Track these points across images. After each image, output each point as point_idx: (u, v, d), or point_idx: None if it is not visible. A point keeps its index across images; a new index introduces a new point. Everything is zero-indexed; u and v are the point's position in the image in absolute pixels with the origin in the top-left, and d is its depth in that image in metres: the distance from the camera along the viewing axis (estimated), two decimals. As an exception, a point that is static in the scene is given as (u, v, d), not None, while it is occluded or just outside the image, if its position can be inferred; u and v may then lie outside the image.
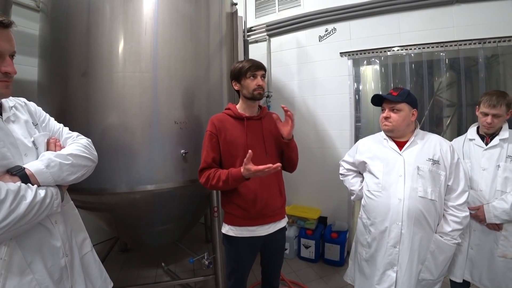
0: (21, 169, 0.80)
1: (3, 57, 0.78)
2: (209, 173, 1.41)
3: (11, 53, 0.81)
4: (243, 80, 1.47)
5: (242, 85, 1.48)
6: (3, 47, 0.77)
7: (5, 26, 0.77)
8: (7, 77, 0.80)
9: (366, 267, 1.54)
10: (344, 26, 2.79)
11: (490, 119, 1.54)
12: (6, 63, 0.78)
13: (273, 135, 1.56)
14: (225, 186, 1.38)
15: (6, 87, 0.81)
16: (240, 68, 1.47)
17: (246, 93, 1.47)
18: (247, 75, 1.45)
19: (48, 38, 1.84)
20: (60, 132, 1.06)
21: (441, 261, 1.38)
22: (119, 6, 1.67)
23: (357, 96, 2.83)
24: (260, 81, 1.46)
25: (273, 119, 1.58)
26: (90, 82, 1.66)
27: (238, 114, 1.50)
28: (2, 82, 0.79)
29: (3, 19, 0.75)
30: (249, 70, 1.45)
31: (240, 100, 1.55)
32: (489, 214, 1.49)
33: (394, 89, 1.46)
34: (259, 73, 1.47)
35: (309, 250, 2.76)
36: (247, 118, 1.50)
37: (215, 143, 1.45)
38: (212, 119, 1.50)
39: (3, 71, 0.78)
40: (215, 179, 1.39)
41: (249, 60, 1.49)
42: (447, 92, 2.60)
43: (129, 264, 2.78)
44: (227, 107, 1.56)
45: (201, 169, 1.46)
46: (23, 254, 0.79)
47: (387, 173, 1.45)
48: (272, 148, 1.53)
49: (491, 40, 2.21)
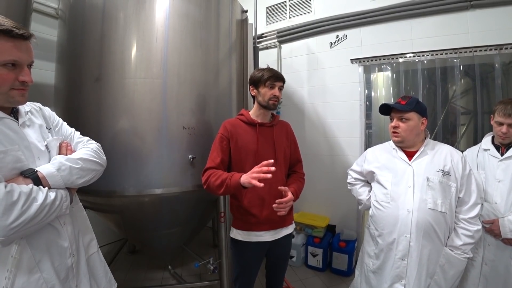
0: (34, 171, 0.84)
1: (22, 67, 0.82)
2: (212, 172, 1.40)
3: (29, 63, 0.85)
4: (261, 87, 1.49)
5: (259, 92, 1.51)
6: (22, 58, 0.81)
7: (25, 38, 0.81)
8: (24, 86, 0.84)
9: (373, 278, 1.50)
10: (355, 33, 2.77)
11: (506, 129, 1.48)
12: (24, 72, 0.82)
13: (284, 143, 1.58)
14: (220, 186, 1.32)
15: (22, 95, 0.85)
16: (261, 75, 1.49)
17: (262, 100, 1.50)
18: (266, 84, 1.48)
19: (65, 44, 1.92)
20: (72, 136, 1.09)
21: (451, 276, 1.33)
22: (132, 15, 1.72)
23: (368, 103, 2.79)
24: (277, 92, 1.49)
25: (285, 128, 1.61)
26: (102, 87, 1.72)
27: (251, 120, 1.52)
28: (19, 90, 0.83)
29: (24, 32, 0.79)
30: (269, 79, 1.47)
31: (255, 106, 1.57)
32: (505, 229, 1.42)
33: (403, 98, 1.44)
34: (278, 84, 1.49)
35: (316, 258, 2.71)
36: (259, 125, 1.51)
37: (225, 146, 1.47)
38: (225, 123, 1.53)
39: (21, 80, 0.81)
40: (215, 177, 1.35)
41: (270, 70, 1.52)
42: (462, 100, 2.53)
43: (137, 265, 2.82)
44: (240, 112, 1.59)
45: (207, 168, 1.44)
46: (32, 253, 0.82)
47: (395, 184, 1.42)
48: (281, 156, 1.54)
49: (508, 46, 2.14)
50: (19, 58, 0.80)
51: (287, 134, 1.63)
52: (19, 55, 0.79)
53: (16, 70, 0.81)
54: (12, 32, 0.76)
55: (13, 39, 0.77)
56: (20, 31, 0.78)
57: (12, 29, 0.76)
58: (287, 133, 1.63)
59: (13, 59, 0.78)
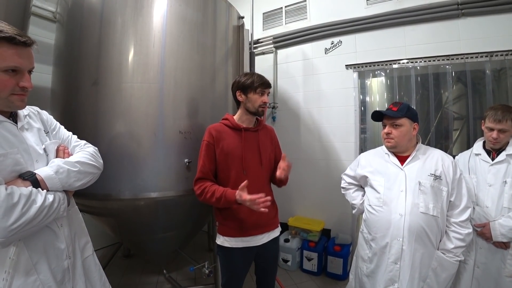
0: (33, 174, 0.85)
1: (23, 73, 0.84)
2: (205, 186, 1.43)
3: (30, 69, 0.87)
4: (250, 93, 1.49)
5: (248, 98, 1.50)
6: (23, 64, 0.82)
7: (27, 45, 0.83)
8: (24, 91, 0.85)
9: (367, 282, 1.51)
10: (350, 39, 2.82)
11: (496, 134, 1.52)
12: (24, 78, 0.84)
13: (269, 147, 1.60)
14: (217, 203, 1.41)
15: (22, 100, 0.86)
16: (251, 82, 1.49)
17: (251, 106, 1.50)
18: (257, 91, 1.49)
19: (63, 47, 1.93)
20: (69, 140, 1.11)
21: (443, 279, 1.35)
22: (130, 19, 1.74)
23: (363, 108, 2.83)
24: (266, 99, 1.52)
25: (269, 132, 1.63)
26: (99, 91, 1.73)
27: (236, 125, 1.52)
28: (18, 96, 0.84)
29: (26, 40, 0.81)
30: (260, 86, 1.49)
31: (240, 111, 1.57)
32: (495, 232, 1.45)
33: (394, 104, 1.47)
34: (267, 90, 1.52)
35: (311, 262, 2.72)
36: (244, 129, 1.52)
37: (211, 153, 1.48)
38: (210, 128, 1.52)
39: (21, 85, 0.83)
40: (209, 194, 1.41)
41: (259, 76, 1.53)
42: (455, 105, 2.57)
43: (131, 269, 2.79)
44: (224, 117, 1.59)
45: (197, 178, 1.47)
46: (30, 255, 0.83)
47: (388, 188, 1.44)
48: (266, 160, 1.57)
49: (498, 54, 2.20)
50: (20, 65, 0.81)
51: (272, 138, 1.66)
52: (20, 61, 0.81)
53: (17, 76, 0.82)
54: (15, 39, 0.78)
55: (15, 46, 0.79)
56: (23, 39, 0.80)
57: (15, 37, 0.78)
58: (271, 138, 1.66)
59: (15, 65, 0.80)
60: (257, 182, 1.48)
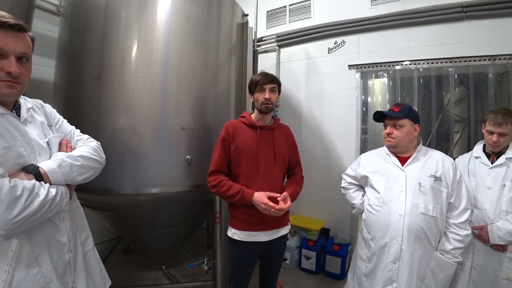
0: (36, 167, 0.85)
1: (7, 56, 0.78)
2: (221, 180, 1.47)
3: (18, 54, 0.81)
4: (255, 93, 1.54)
5: (255, 98, 1.55)
6: (7, 46, 0.78)
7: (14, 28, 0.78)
8: (11, 77, 0.79)
9: (365, 282, 1.52)
10: (353, 39, 2.82)
11: (496, 138, 1.52)
12: (10, 63, 0.78)
13: (283, 146, 1.61)
14: (230, 198, 1.45)
15: (10, 87, 0.81)
16: (251, 82, 1.55)
17: (257, 105, 1.54)
18: (257, 89, 1.52)
19: (66, 41, 1.93)
20: (72, 134, 1.11)
21: (441, 279, 1.36)
22: (134, 15, 1.74)
23: (364, 109, 2.83)
24: (267, 95, 1.49)
25: (285, 131, 1.66)
26: (102, 86, 1.73)
27: (252, 122, 1.56)
28: (4, 82, 0.79)
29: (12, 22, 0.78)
30: (257, 84, 1.51)
31: (255, 111, 1.60)
32: (493, 235, 1.46)
33: (396, 105, 1.47)
34: (268, 86, 1.51)
35: (310, 261, 2.73)
36: (260, 127, 1.54)
37: (226, 148, 1.51)
38: (227, 124, 1.56)
39: (6, 70, 0.78)
40: (225, 187, 1.45)
41: (261, 74, 1.55)
42: (456, 108, 2.57)
43: (130, 264, 2.81)
44: (242, 115, 1.62)
45: (213, 171, 1.50)
46: (32, 248, 0.83)
47: (388, 188, 1.45)
48: (280, 159, 1.58)
49: (501, 57, 2.20)
50: (3, 46, 0.77)
51: (287, 137, 1.67)
52: (2, 42, 0.77)
53: (3, 61, 0.78)
54: None
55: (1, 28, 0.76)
56: (10, 22, 0.77)
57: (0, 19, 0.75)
58: (286, 136, 1.66)
59: None
60: (270, 179, 1.52)
